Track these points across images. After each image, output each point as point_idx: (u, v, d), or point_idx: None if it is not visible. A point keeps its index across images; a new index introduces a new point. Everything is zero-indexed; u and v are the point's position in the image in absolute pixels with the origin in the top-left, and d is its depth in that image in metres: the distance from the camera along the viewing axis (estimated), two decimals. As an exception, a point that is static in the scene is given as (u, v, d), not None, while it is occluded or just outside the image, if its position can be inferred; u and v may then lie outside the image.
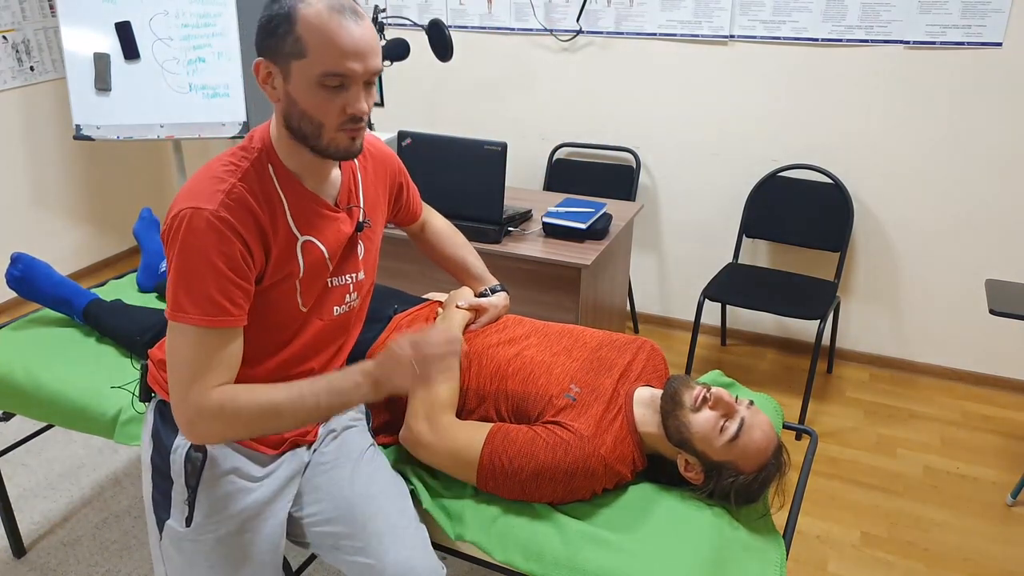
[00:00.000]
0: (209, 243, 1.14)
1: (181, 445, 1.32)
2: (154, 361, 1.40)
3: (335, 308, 1.37)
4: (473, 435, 1.42)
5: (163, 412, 1.38)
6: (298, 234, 1.26)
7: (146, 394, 1.43)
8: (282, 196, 1.23)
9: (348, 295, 1.39)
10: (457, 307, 1.64)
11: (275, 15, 1.15)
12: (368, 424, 1.59)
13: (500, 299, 1.72)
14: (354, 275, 1.39)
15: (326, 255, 1.30)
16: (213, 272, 1.15)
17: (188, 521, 1.32)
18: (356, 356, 1.56)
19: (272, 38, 1.15)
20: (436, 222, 1.77)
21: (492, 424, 1.44)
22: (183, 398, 1.17)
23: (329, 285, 1.34)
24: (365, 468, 1.44)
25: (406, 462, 1.53)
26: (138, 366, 1.86)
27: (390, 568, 1.32)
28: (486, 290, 1.74)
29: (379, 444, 1.58)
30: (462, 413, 1.51)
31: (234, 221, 1.16)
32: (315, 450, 1.46)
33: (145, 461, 1.39)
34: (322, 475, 1.43)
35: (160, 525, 1.35)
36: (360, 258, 1.39)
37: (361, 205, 1.39)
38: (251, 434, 1.23)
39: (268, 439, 1.38)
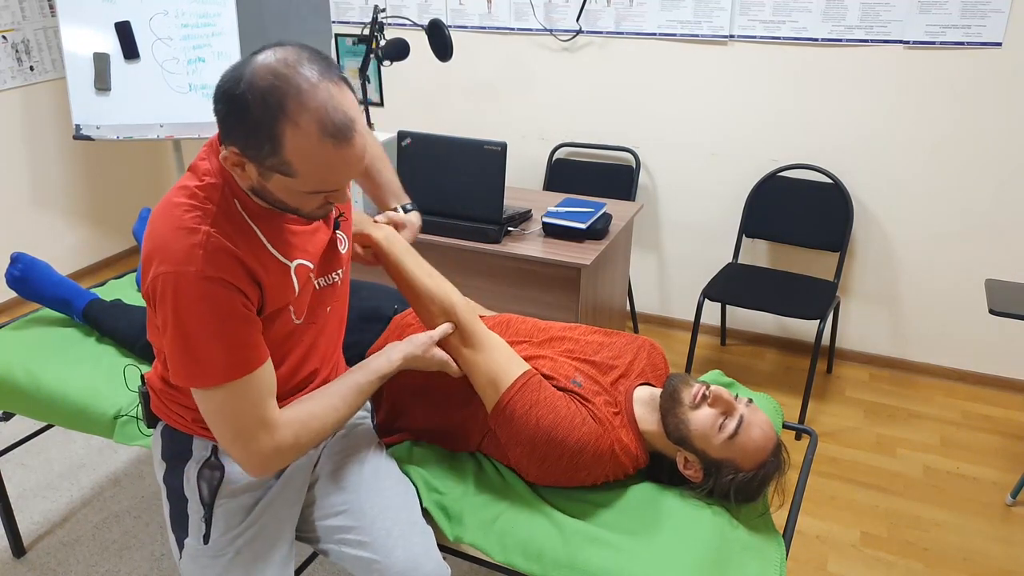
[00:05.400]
0: (205, 306, 1.10)
1: (192, 465, 1.33)
2: (155, 389, 1.38)
3: (328, 307, 1.37)
4: (511, 366, 1.41)
5: (172, 435, 1.38)
6: (287, 261, 1.23)
7: (151, 420, 1.42)
8: (255, 229, 1.18)
9: (334, 274, 1.37)
10: (375, 221, 1.55)
11: (253, 119, 1.02)
12: (372, 420, 1.60)
13: (415, 217, 1.68)
14: (339, 271, 1.38)
15: (311, 269, 1.29)
16: (219, 331, 1.11)
17: (206, 538, 1.32)
18: (354, 359, 1.56)
19: (249, 144, 1.04)
20: None
21: (530, 368, 1.42)
22: (248, 449, 1.17)
23: (317, 287, 1.33)
24: (373, 463, 1.44)
25: (406, 462, 1.53)
26: (136, 362, 1.85)
27: (397, 565, 1.31)
28: (399, 208, 1.69)
29: (379, 444, 1.58)
30: None
31: (223, 275, 1.11)
32: (324, 446, 1.47)
33: (159, 482, 1.40)
34: (332, 470, 1.43)
35: (180, 544, 1.36)
36: (343, 252, 1.38)
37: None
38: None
39: None
